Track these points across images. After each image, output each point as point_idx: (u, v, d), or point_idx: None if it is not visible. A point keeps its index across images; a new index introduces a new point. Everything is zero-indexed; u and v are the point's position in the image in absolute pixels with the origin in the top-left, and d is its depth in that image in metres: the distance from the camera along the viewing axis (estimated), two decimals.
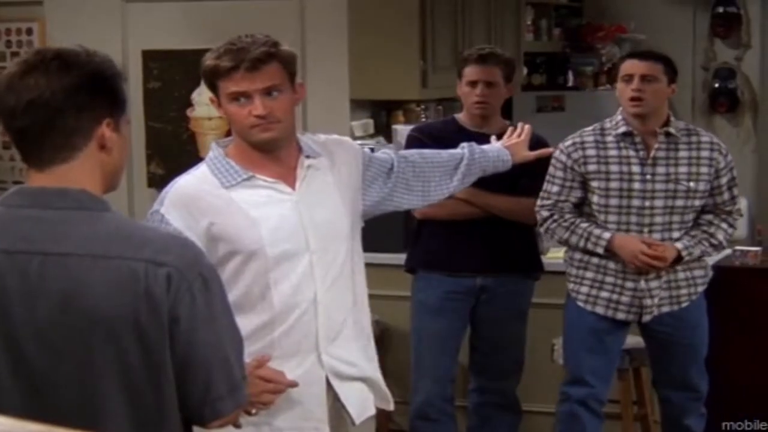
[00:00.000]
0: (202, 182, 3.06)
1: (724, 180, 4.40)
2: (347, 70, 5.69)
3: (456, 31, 6.24)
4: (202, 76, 3.09)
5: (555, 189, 4.43)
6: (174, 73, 5.96)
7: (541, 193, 4.46)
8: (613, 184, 4.35)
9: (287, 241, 3.02)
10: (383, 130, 6.09)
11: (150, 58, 5.98)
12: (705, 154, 4.38)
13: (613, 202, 4.36)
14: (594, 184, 4.38)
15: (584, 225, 4.38)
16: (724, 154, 4.42)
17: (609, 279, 4.39)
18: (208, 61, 3.04)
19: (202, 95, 5.90)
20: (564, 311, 4.55)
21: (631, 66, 4.40)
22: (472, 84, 4.67)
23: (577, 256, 4.45)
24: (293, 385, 2.99)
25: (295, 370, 3.03)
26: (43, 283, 2.07)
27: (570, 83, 7.74)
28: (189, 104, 5.94)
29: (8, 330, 2.08)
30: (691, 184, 4.34)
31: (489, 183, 4.63)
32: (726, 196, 4.42)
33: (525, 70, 7.39)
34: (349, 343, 3.14)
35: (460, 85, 4.74)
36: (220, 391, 2.15)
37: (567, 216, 4.41)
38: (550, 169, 4.46)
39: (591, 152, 4.39)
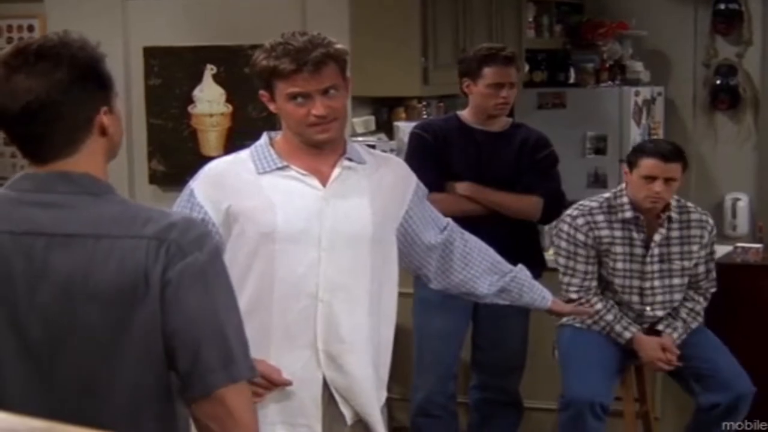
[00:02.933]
0: (237, 165, 3.11)
1: (703, 252, 4.54)
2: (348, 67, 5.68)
3: (457, 28, 6.22)
4: (256, 74, 3.06)
5: (580, 267, 4.49)
6: (175, 70, 5.96)
7: (564, 269, 4.51)
8: (618, 265, 4.48)
9: (300, 231, 3.02)
10: (384, 127, 6.09)
11: (151, 55, 5.99)
12: (695, 232, 4.51)
13: (618, 281, 4.49)
14: (602, 260, 4.51)
15: (608, 318, 4.49)
16: (710, 230, 4.55)
17: (602, 323, 4.53)
18: (264, 61, 3.01)
19: (203, 92, 5.91)
20: (557, 340, 4.67)
21: (655, 167, 4.35)
22: (497, 86, 4.61)
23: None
24: (287, 383, 3.02)
25: (294, 364, 3.04)
26: (47, 265, 2.08)
27: (571, 80, 7.71)
28: (190, 101, 5.94)
29: (13, 312, 2.10)
30: (685, 263, 4.49)
31: (491, 180, 4.64)
32: (701, 269, 4.56)
33: (526, 67, 7.38)
34: (358, 353, 3.09)
35: (473, 84, 4.66)
36: (212, 362, 2.09)
37: (593, 300, 4.45)
38: (569, 247, 4.49)
39: (605, 233, 4.47)
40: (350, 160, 3.11)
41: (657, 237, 4.45)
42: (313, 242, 3.03)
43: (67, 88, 2.08)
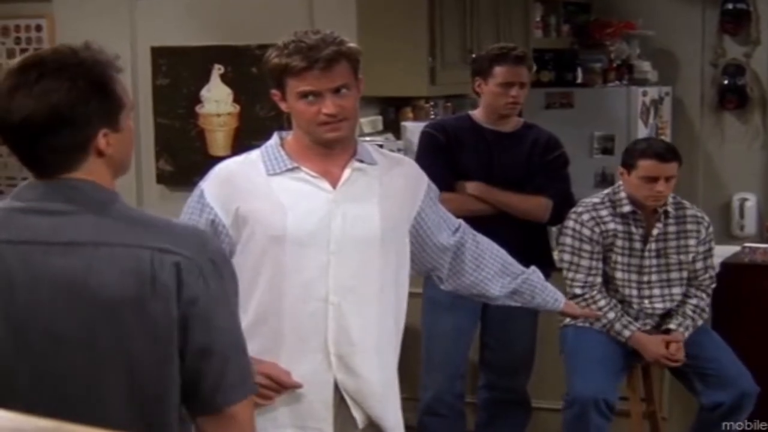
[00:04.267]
0: (247, 165, 3.09)
1: (701, 248, 4.58)
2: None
3: (464, 28, 6.22)
4: (268, 72, 3.03)
5: (584, 263, 4.52)
6: (182, 70, 5.97)
7: (569, 265, 4.54)
8: (618, 258, 4.52)
9: (309, 234, 3.00)
10: (392, 127, 6.09)
11: (159, 54, 6.00)
12: (691, 227, 4.57)
13: (618, 275, 4.53)
14: (606, 254, 4.55)
15: (610, 315, 4.50)
16: (706, 226, 4.61)
17: (604, 320, 4.53)
18: (276, 59, 2.99)
19: (210, 92, 5.91)
20: (561, 341, 4.66)
21: (654, 168, 4.43)
22: (507, 85, 4.62)
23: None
24: (297, 386, 3.01)
25: (305, 367, 3.03)
26: (46, 272, 2.09)
27: (579, 80, 7.71)
28: (197, 101, 5.94)
29: (13, 318, 2.10)
30: (681, 257, 4.55)
31: (501, 180, 4.64)
32: (699, 265, 4.60)
33: (534, 67, 7.38)
34: (368, 355, 3.07)
35: (484, 83, 4.67)
36: (234, 378, 2.14)
37: (597, 297, 4.51)
38: (575, 243, 4.52)
39: (611, 226, 4.52)
40: (361, 161, 3.08)
41: (654, 231, 4.52)
42: (323, 245, 3.01)
43: (63, 111, 2.07)
